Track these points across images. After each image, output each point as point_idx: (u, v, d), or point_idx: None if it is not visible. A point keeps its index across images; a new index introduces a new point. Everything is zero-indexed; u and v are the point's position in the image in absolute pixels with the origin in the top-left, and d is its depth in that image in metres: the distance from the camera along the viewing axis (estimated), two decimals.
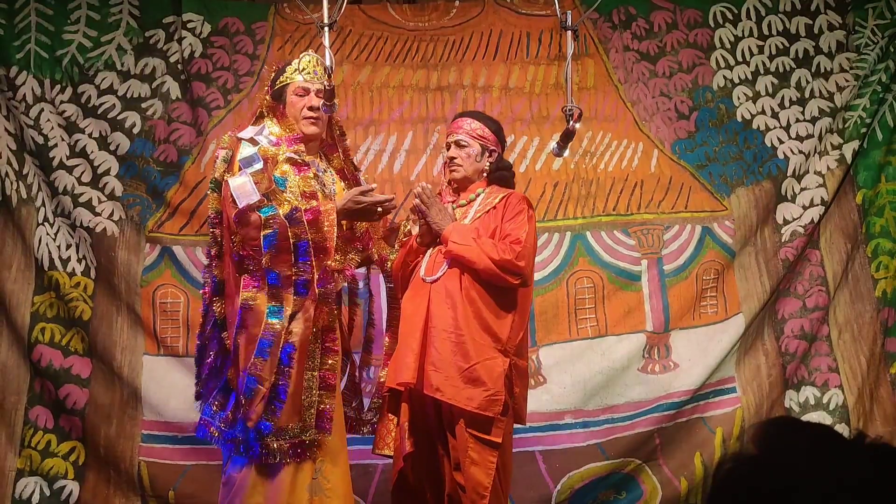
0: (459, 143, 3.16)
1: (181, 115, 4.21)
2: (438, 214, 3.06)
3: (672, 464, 4.06)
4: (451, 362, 2.91)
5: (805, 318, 4.23)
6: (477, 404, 2.88)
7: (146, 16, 4.25)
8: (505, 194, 3.14)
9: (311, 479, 2.84)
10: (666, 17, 4.45)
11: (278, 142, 2.96)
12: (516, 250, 2.97)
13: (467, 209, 3.15)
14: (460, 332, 2.94)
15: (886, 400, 4.19)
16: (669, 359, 4.17)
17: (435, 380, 2.90)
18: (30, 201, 4.05)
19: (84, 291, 4.01)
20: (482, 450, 2.90)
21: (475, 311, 2.97)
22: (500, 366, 2.94)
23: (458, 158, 3.15)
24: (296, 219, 2.80)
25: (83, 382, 3.94)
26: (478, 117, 3.25)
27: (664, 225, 4.28)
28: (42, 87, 4.09)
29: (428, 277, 3.04)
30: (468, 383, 2.89)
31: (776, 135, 4.36)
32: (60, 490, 3.87)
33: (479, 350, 2.93)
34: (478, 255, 2.95)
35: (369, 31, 4.40)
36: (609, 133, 4.34)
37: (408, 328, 3.01)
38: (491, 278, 2.98)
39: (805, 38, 4.42)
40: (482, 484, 2.88)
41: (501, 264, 2.95)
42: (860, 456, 1.04)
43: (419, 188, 3.10)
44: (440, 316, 2.97)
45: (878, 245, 4.31)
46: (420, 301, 3.02)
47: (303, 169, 2.95)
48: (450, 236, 3.01)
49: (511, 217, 3.06)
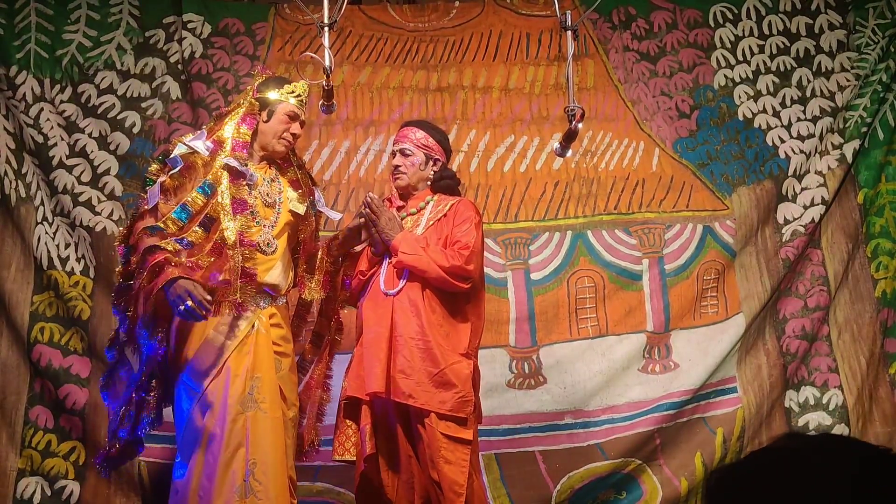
0: (404, 151, 3.25)
1: (181, 116, 4.21)
2: (388, 224, 3.14)
3: (672, 464, 4.06)
4: (421, 368, 2.98)
5: (806, 318, 4.23)
6: (450, 406, 2.97)
7: (146, 16, 4.25)
8: (454, 202, 3.23)
9: (242, 480, 2.84)
10: (666, 17, 4.46)
11: (216, 148, 3.02)
12: (464, 255, 3.06)
13: (418, 217, 3.23)
14: (427, 338, 3.01)
15: (886, 400, 4.18)
16: (670, 359, 4.17)
17: (406, 386, 2.97)
18: (29, 200, 4.05)
19: (83, 291, 4.01)
20: (455, 448, 2.97)
21: (437, 319, 3.05)
22: (466, 368, 3.04)
23: (402, 167, 3.24)
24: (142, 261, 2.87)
25: (83, 382, 3.94)
26: (423, 126, 3.34)
27: (665, 224, 4.27)
28: (42, 87, 4.09)
29: (390, 290, 3.09)
30: (439, 387, 2.97)
31: (777, 134, 4.36)
32: (61, 490, 3.87)
33: (445, 355, 3.01)
34: (427, 264, 3.04)
35: (369, 31, 4.40)
36: (610, 132, 4.34)
37: (372, 338, 3.06)
38: (441, 285, 3.07)
39: (805, 37, 4.43)
40: (457, 482, 2.93)
41: (451, 270, 3.04)
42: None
43: (368, 198, 3.18)
44: (405, 325, 3.03)
45: (878, 245, 4.30)
46: (383, 312, 3.07)
47: (238, 177, 3.01)
48: (399, 246, 3.09)
49: (459, 223, 3.16)
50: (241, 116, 3.08)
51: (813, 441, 1.09)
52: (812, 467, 1.01)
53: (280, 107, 3.11)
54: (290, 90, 3.14)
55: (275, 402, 2.97)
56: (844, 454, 1.03)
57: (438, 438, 2.95)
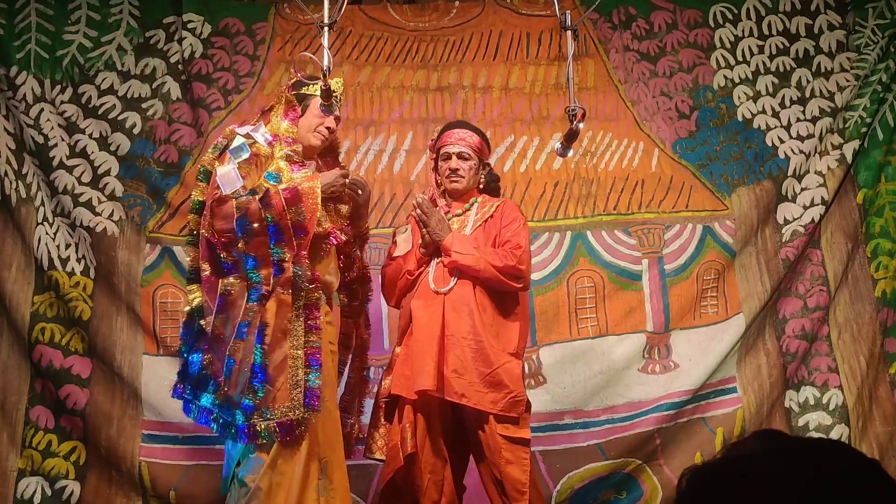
0: (462, 155, 3.24)
1: (182, 116, 4.22)
2: (438, 225, 3.15)
3: (673, 464, 4.05)
4: (473, 368, 3.00)
5: (806, 318, 4.23)
6: (501, 406, 2.99)
7: (146, 16, 4.25)
8: (499, 203, 3.26)
9: (318, 479, 2.84)
10: (666, 17, 4.46)
11: (273, 140, 2.99)
12: (517, 255, 3.08)
13: (464, 218, 3.23)
14: (479, 338, 3.02)
15: (886, 400, 4.18)
16: (670, 359, 4.17)
17: (459, 386, 2.98)
18: (29, 201, 4.05)
19: (84, 291, 4.01)
20: (515, 448, 3.01)
21: (488, 319, 3.07)
22: (517, 368, 3.07)
23: (461, 170, 3.24)
24: (268, 201, 2.81)
25: (83, 382, 3.94)
26: (475, 130, 3.35)
27: (665, 224, 4.27)
28: (42, 87, 4.09)
29: (441, 288, 3.10)
30: (491, 388, 2.99)
31: (777, 134, 4.36)
32: (62, 490, 3.87)
33: (497, 355, 3.03)
34: (481, 263, 3.06)
35: (369, 31, 4.40)
36: (610, 132, 4.35)
37: (423, 336, 3.05)
38: (495, 285, 3.08)
39: (805, 37, 4.43)
40: (520, 481, 2.98)
41: (504, 270, 3.06)
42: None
43: (418, 199, 3.19)
44: (457, 323, 3.04)
45: (878, 245, 4.30)
46: (434, 310, 3.07)
47: (300, 166, 2.98)
48: (451, 246, 3.10)
49: (507, 223, 3.18)
50: (284, 112, 3.06)
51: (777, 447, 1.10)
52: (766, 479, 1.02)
53: (314, 101, 3.06)
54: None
55: (334, 400, 3.01)
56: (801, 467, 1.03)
57: (498, 440, 2.99)
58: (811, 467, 1.02)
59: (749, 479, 1.03)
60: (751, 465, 1.04)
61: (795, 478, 1.01)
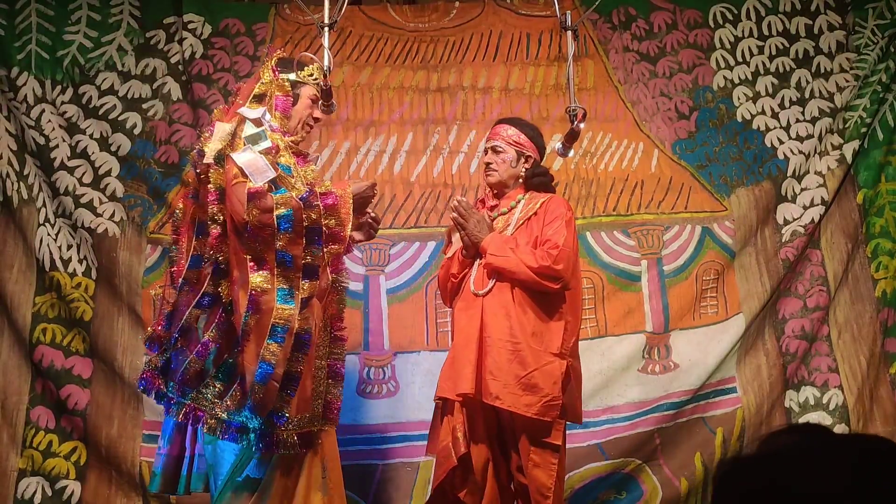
0: (496, 148, 3.22)
1: (182, 117, 4.22)
2: (476, 227, 3.11)
3: (672, 464, 4.06)
4: (509, 370, 2.96)
5: (806, 318, 4.23)
6: (535, 410, 2.94)
7: (147, 16, 4.26)
8: (545, 199, 3.17)
9: (322, 478, 2.82)
10: (666, 17, 4.46)
11: (278, 129, 2.86)
12: (553, 255, 2.99)
13: (509, 216, 3.19)
14: (516, 340, 2.98)
15: (886, 400, 4.18)
16: (669, 359, 4.17)
17: (493, 388, 2.95)
18: (31, 202, 4.05)
19: (85, 292, 4.02)
20: (543, 453, 2.97)
21: (528, 320, 3.02)
22: (559, 370, 2.99)
23: (493, 164, 3.21)
24: (311, 202, 2.69)
25: (84, 383, 3.95)
26: (515, 123, 3.30)
27: (664, 225, 4.28)
28: (43, 88, 4.10)
29: (479, 291, 3.08)
30: (526, 390, 2.94)
31: (776, 135, 4.36)
32: (62, 490, 3.88)
33: (536, 357, 2.97)
34: (515, 265, 3.01)
35: (369, 32, 4.41)
36: (609, 133, 4.35)
37: (463, 339, 3.05)
38: (532, 286, 3.02)
39: (805, 38, 4.43)
40: (545, 485, 2.94)
41: (539, 271, 2.99)
42: (856, 456, 1.03)
43: (455, 202, 3.15)
44: (495, 326, 3.01)
45: (878, 245, 4.31)
46: (473, 313, 3.06)
47: (304, 159, 2.90)
48: (487, 248, 3.07)
49: (550, 222, 3.09)
50: (277, 99, 2.89)
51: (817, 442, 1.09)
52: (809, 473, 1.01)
53: (304, 89, 2.96)
54: (310, 73, 2.98)
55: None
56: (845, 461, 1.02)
57: (528, 442, 2.97)
58: (855, 461, 1.01)
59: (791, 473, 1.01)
60: (791, 460, 1.03)
61: (840, 471, 0.99)
